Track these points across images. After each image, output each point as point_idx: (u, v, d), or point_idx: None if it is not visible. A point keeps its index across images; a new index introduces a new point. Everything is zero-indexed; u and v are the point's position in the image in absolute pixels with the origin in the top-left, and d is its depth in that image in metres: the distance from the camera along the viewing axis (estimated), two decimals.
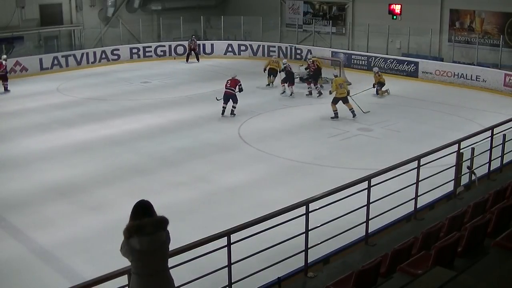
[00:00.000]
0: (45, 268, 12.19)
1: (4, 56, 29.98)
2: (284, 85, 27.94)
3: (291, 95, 27.49)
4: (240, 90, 23.82)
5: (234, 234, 7.77)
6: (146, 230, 6.11)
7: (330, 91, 23.73)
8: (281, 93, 27.89)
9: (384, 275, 7.76)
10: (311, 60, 28.46)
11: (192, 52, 36.92)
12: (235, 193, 16.00)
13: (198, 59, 36.94)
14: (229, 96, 23.72)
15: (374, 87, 27.63)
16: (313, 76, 28.00)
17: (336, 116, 23.20)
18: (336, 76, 24.10)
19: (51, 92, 29.18)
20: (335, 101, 23.20)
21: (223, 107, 23.87)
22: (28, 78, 31.09)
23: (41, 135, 21.61)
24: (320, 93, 27.42)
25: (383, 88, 27.69)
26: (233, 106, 23.86)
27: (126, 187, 16.30)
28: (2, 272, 11.96)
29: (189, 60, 36.79)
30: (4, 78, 29.26)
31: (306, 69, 29.03)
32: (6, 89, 29.13)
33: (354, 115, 23.23)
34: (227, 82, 23.97)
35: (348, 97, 23.30)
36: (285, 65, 28.44)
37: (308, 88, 27.94)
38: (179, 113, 24.75)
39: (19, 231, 13.87)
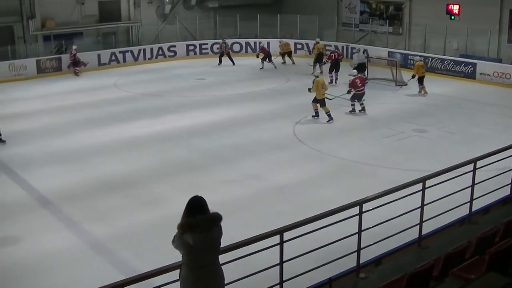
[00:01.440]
0: (97, 260, 12.41)
1: (75, 47, 32.53)
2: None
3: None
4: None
5: (286, 233, 7.76)
6: (199, 227, 6.17)
7: (309, 89, 23.21)
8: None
9: (436, 278, 7.68)
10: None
11: (225, 55, 35.79)
12: (287, 191, 15.99)
13: (220, 62, 35.94)
14: (363, 96, 23.93)
15: (413, 77, 27.44)
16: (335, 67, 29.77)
17: (317, 114, 23.14)
18: (317, 77, 23.51)
19: (108, 87, 29.80)
20: (318, 102, 23.00)
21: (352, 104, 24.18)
22: (86, 73, 31.64)
23: (97, 130, 22.04)
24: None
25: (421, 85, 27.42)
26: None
27: (178, 183, 16.44)
28: (55, 262, 12.24)
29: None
30: (76, 64, 32.57)
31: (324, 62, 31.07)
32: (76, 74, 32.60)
33: (331, 119, 22.75)
34: (356, 82, 23.78)
35: (326, 100, 23.09)
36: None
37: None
38: (233, 111, 24.85)
39: (74, 223, 14.17)
